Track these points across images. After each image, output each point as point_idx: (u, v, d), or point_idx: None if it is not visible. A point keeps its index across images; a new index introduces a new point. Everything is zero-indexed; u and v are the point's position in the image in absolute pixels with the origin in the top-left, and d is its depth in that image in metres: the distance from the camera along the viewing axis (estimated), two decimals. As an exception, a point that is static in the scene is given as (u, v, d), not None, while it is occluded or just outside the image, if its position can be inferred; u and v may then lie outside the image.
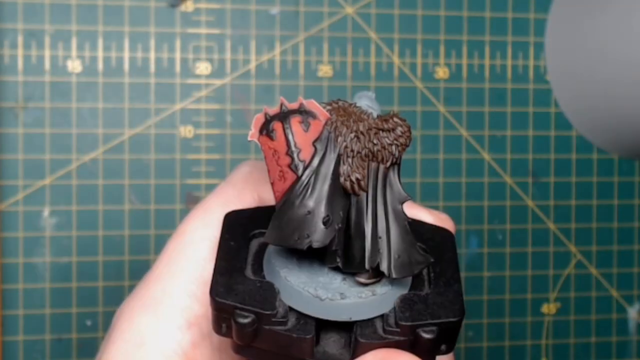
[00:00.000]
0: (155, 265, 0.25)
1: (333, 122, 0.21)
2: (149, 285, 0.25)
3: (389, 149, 0.22)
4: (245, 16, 0.45)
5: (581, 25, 0.46)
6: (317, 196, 0.21)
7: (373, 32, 0.46)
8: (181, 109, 0.45)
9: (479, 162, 0.48)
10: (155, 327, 0.24)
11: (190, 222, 0.25)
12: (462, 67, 0.47)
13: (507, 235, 0.48)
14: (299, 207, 0.21)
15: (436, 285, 0.22)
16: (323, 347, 0.22)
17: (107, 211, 0.44)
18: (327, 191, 0.21)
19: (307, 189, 0.21)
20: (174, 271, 0.24)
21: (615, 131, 0.47)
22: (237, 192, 0.25)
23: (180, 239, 0.25)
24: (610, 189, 0.49)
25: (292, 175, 0.21)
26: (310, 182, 0.21)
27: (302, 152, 0.21)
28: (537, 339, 0.49)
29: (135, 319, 0.24)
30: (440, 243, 0.24)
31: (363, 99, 0.22)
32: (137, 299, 0.25)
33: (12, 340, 0.43)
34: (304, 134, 0.21)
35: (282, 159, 0.21)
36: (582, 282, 0.49)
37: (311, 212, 0.21)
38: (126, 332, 0.24)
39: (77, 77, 0.44)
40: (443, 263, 0.23)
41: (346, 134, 0.21)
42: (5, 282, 0.43)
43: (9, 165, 0.43)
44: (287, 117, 0.21)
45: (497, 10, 0.48)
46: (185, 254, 0.24)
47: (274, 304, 0.21)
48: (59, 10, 0.44)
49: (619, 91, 0.44)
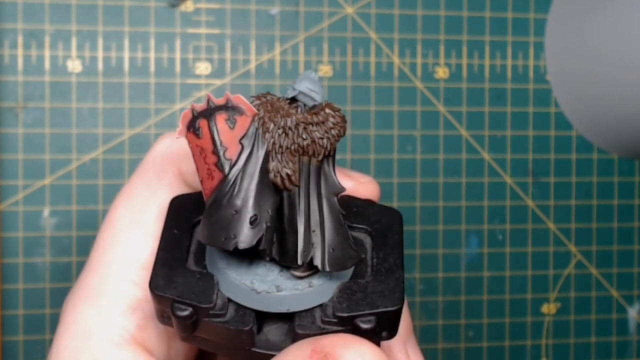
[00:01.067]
0: (91, 256, 0.25)
1: (260, 118, 0.21)
2: (88, 275, 0.25)
3: (319, 143, 0.21)
4: (245, 16, 0.45)
5: (581, 25, 0.46)
6: (243, 195, 0.21)
7: (373, 32, 0.46)
8: (181, 109, 0.45)
9: (479, 162, 0.48)
10: (98, 316, 0.24)
11: (117, 209, 0.25)
12: (462, 67, 0.47)
13: (507, 235, 0.48)
14: (225, 206, 0.21)
15: (378, 272, 0.22)
16: (265, 334, 0.22)
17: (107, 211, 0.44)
18: (255, 189, 0.21)
19: (233, 187, 0.21)
20: (109, 260, 0.24)
21: (615, 131, 0.47)
22: (157, 170, 0.25)
23: (110, 227, 0.25)
24: (610, 189, 0.49)
25: (220, 174, 0.21)
26: (237, 181, 0.21)
27: (228, 151, 0.21)
28: (537, 339, 0.49)
29: (79, 311, 0.24)
30: (387, 226, 0.24)
31: (304, 82, 0.21)
32: (78, 290, 0.25)
33: (12, 340, 0.43)
34: (229, 132, 0.21)
35: (209, 157, 0.21)
36: (582, 282, 0.49)
37: (238, 211, 0.21)
38: (72, 325, 0.24)
39: (77, 77, 0.44)
40: (387, 248, 0.23)
41: (273, 130, 0.21)
42: (5, 282, 0.43)
43: (9, 165, 0.43)
44: (212, 114, 0.21)
45: (497, 10, 0.48)
46: (118, 241, 0.25)
47: (212, 296, 0.21)
48: (59, 10, 0.44)
49: (619, 91, 0.44)
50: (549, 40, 0.48)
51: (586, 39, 0.46)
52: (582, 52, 0.46)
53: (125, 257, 0.24)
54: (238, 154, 0.21)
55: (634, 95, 0.43)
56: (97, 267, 0.25)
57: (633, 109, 0.44)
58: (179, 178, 0.25)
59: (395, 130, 0.47)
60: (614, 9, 0.44)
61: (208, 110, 0.21)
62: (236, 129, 0.21)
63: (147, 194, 0.25)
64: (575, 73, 0.47)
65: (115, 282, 0.24)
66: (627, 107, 0.44)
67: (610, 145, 0.49)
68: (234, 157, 0.21)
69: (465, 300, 0.48)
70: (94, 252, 0.25)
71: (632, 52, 0.42)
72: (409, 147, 0.47)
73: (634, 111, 0.44)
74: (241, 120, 0.21)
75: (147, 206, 0.25)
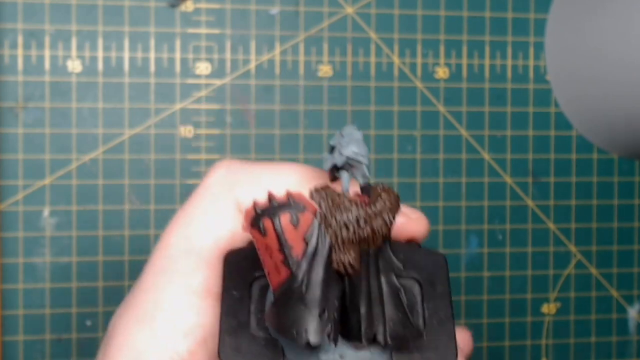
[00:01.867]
0: (143, 278, 0.26)
1: (321, 214, 0.22)
2: (141, 298, 0.25)
3: (378, 231, 0.22)
4: (245, 16, 0.45)
5: (581, 25, 0.46)
6: (312, 290, 0.21)
7: (373, 32, 0.46)
8: (181, 109, 0.45)
9: (479, 162, 0.48)
10: (151, 340, 0.25)
11: (172, 235, 0.26)
12: (462, 67, 0.47)
13: (507, 235, 0.48)
14: (295, 301, 0.22)
15: (430, 326, 0.23)
16: None
17: (107, 211, 0.44)
18: (321, 283, 0.22)
19: (302, 284, 0.21)
20: (163, 285, 0.25)
21: (615, 131, 0.47)
22: (213, 198, 0.26)
23: (165, 252, 0.26)
24: (610, 189, 0.49)
25: (287, 270, 0.22)
26: (304, 279, 0.21)
27: (294, 249, 0.21)
28: (537, 339, 0.49)
29: (131, 334, 0.25)
30: (433, 273, 0.24)
31: (351, 145, 0.22)
32: (130, 312, 0.25)
33: (12, 340, 0.43)
34: (294, 230, 0.21)
35: (275, 255, 0.22)
36: (582, 282, 0.49)
37: (307, 306, 0.21)
38: (124, 347, 0.25)
39: (77, 77, 0.44)
40: (436, 299, 0.24)
41: (336, 227, 0.22)
42: (5, 282, 0.43)
43: (9, 165, 0.43)
44: (276, 213, 0.21)
45: (497, 10, 0.48)
46: (172, 267, 0.25)
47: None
48: (59, 10, 0.44)
49: (619, 91, 0.44)
50: (549, 40, 0.48)
51: (586, 39, 0.46)
52: (582, 52, 0.46)
53: (179, 283, 0.25)
54: (303, 251, 0.21)
55: (634, 95, 0.43)
56: (150, 290, 0.25)
57: (633, 109, 0.44)
58: (236, 207, 0.26)
59: (395, 130, 0.47)
60: (614, 9, 0.44)
61: (271, 208, 0.21)
62: (300, 227, 0.21)
63: (202, 222, 0.25)
64: (575, 73, 0.47)
65: (169, 308, 0.25)
66: (627, 107, 0.44)
67: (610, 145, 0.49)
68: (300, 255, 0.21)
69: (465, 300, 0.48)
70: (147, 274, 0.26)
71: (632, 52, 0.42)
72: (409, 147, 0.47)
73: (634, 111, 0.44)
74: (304, 218, 0.21)
75: (202, 234, 0.25)
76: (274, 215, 0.21)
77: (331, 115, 0.46)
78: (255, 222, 0.21)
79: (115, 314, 0.27)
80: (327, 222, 0.22)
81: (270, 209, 0.21)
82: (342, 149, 0.22)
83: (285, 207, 0.21)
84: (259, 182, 0.25)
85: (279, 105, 0.46)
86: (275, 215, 0.21)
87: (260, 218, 0.21)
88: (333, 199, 0.22)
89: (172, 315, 0.25)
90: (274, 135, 0.46)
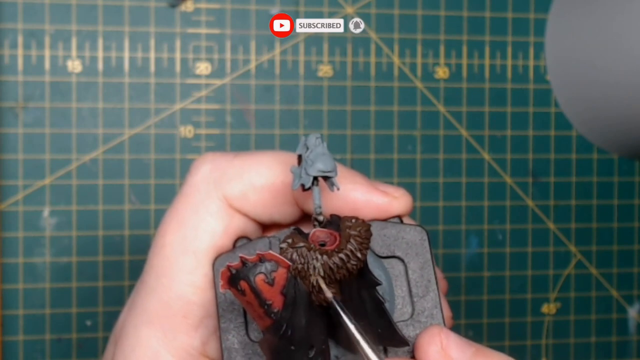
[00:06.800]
0: (144, 280, 0.27)
1: (294, 269, 0.22)
2: (145, 299, 0.26)
3: (353, 268, 0.22)
4: (245, 16, 0.45)
5: (581, 25, 0.46)
6: (297, 334, 0.22)
7: (373, 32, 0.46)
8: (181, 109, 0.45)
9: (479, 162, 0.48)
10: (164, 338, 0.25)
11: (167, 235, 0.26)
12: (462, 67, 0.47)
13: (507, 235, 0.48)
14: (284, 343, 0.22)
15: (416, 295, 0.25)
16: None
17: (107, 211, 0.44)
18: (305, 324, 0.22)
19: (287, 329, 0.22)
20: (166, 284, 0.26)
21: (615, 131, 0.47)
22: (202, 197, 0.26)
23: (162, 253, 0.26)
24: (610, 189, 0.49)
25: (270, 320, 0.22)
26: (288, 326, 0.22)
27: (273, 303, 0.22)
28: (537, 339, 0.49)
29: (142, 334, 0.26)
30: (415, 245, 0.26)
31: (317, 163, 0.23)
32: (137, 314, 0.26)
33: (12, 340, 0.43)
34: (270, 289, 0.22)
35: (256, 309, 0.22)
36: (582, 282, 0.49)
37: (295, 346, 0.22)
38: (136, 348, 0.25)
39: (77, 77, 0.44)
40: (421, 270, 0.25)
41: (311, 278, 0.22)
42: (5, 282, 0.43)
43: (9, 165, 0.43)
44: (250, 274, 0.22)
45: (497, 10, 0.48)
46: (171, 266, 0.26)
47: None
48: (59, 10, 0.44)
49: (619, 91, 0.44)
50: (549, 40, 0.48)
51: (586, 39, 0.46)
52: (582, 52, 0.46)
53: (181, 281, 0.26)
54: (283, 303, 0.22)
55: (634, 95, 0.43)
56: (154, 291, 0.26)
57: (633, 109, 0.44)
58: (225, 203, 0.26)
59: (395, 130, 0.47)
60: (614, 9, 0.44)
61: (245, 269, 0.22)
62: (275, 284, 0.22)
63: (195, 221, 0.26)
64: (575, 73, 0.47)
65: (176, 305, 0.26)
66: (627, 107, 0.44)
67: (610, 145, 0.49)
68: (280, 306, 0.22)
69: (465, 300, 0.48)
70: (148, 276, 0.26)
71: (632, 52, 0.42)
72: (409, 147, 0.47)
73: (634, 111, 0.44)
74: (278, 276, 0.22)
75: (197, 233, 0.26)
76: (248, 278, 0.22)
77: (331, 115, 0.46)
78: (232, 282, 0.22)
79: (121, 317, 0.27)
80: (301, 275, 0.22)
81: (245, 270, 0.22)
82: (308, 168, 0.23)
83: (258, 266, 0.22)
84: (242, 174, 0.26)
85: (279, 105, 0.46)
86: (249, 277, 0.22)
87: (236, 280, 0.22)
88: (303, 254, 0.22)
89: (180, 312, 0.25)
90: (274, 135, 0.46)
